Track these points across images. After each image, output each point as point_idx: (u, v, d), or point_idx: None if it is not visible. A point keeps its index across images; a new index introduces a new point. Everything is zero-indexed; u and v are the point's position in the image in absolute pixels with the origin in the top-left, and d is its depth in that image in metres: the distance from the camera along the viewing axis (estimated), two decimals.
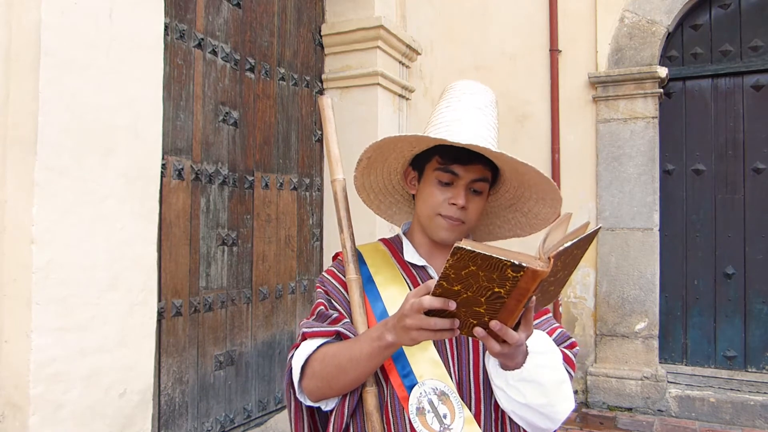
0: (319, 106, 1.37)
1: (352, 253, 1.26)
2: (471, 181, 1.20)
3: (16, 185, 1.78)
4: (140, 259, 2.07)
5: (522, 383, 1.08)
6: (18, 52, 1.79)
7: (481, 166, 1.20)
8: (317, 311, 1.25)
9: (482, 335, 0.97)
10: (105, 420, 1.93)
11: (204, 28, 2.91)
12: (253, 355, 3.25)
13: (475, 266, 0.90)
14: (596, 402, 4.06)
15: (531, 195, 1.29)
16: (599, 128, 4.15)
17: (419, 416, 1.11)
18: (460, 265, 0.90)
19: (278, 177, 3.48)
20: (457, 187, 1.20)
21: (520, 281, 0.89)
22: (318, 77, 3.92)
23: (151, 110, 2.12)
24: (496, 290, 0.91)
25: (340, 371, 1.13)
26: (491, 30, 4.49)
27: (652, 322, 4.00)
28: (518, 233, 1.40)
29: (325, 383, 1.16)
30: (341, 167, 1.32)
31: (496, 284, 0.91)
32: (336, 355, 1.13)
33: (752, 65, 3.97)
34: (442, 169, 1.20)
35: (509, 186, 1.32)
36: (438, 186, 1.21)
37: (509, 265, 0.88)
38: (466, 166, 1.19)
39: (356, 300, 1.21)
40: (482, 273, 0.90)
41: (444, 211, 1.20)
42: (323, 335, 1.19)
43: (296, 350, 1.22)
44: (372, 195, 1.40)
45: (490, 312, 0.95)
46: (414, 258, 1.27)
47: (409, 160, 1.32)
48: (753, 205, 3.98)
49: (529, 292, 0.91)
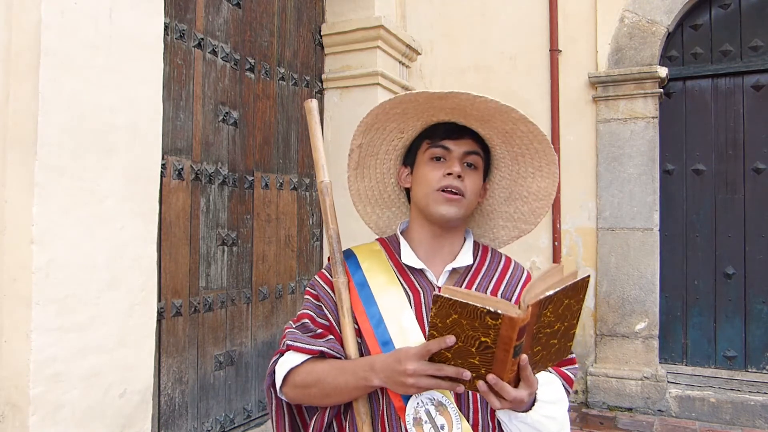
0: (305, 110, 1.37)
1: (339, 255, 1.25)
2: (464, 154, 1.21)
3: (16, 185, 1.77)
4: (140, 259, 2.07)
5: (524, 426, 1.08)
6: (18, 52, 1.79)
7: (471, 140, 1.22)
8: (302, 322, 1.24)
9: (484, 389, 0.98)
10: (105, 420, 1.93)
11: (204, 28, 2.91)
12: (253, 356, 3.25)
13: (457, 314, 0.91)
14: (596, 402, 4.06)
15: (526, 170, 1.29)
16: (599, 128, 4.15)
17: (416, 426, 1.10)
18: (442, 313, 0.92)
19: (278, 177, 3.48)
20: (451, 160, 1.21)
21: (500, 329, 0.90)
22: (318, 77, 3.91)
23: (151, 110, 2.12)
24: (482, 339, 0.93)
25: (323, 395, 1.15)
26: (491, 30, 4.49)
27: (652, 322, 4.00)
28: (523, 228, 1.38)
29: (306, 399, 1.18)
30: (326, 170, 1.32)
31: (481, 333, 0.92)
32: (321, 380, 1.14)
33: (752, 65, 3.97)
34: (433, 145, 1.22)
35: (503, 167, 1.31)
36: (431, 164, 1.22)
37: (486, 312, 0.89)
38: (456, 140, 1.21)
39: (343, 304, 1.20)
40: (465, 321, 0.91)
41: (442, 183, 1.20)
42: (307, 352, 1.18)
43: (280, 357, 1.22)
44: (369, 208, 1.39)
45: (484, 364, 0.96)
46: (411, 260, 1.25)
47: (401, 158, 1.32)
48: (753, 205, 3.97)
49: (512, 341, 0.91)
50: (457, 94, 1.14)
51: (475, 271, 1.26)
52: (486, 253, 1.32)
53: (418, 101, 1.19)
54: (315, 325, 1.23)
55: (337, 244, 1.26)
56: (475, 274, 1.26)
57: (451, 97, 1.14)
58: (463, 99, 1.14)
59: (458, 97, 1.14)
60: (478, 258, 1.30)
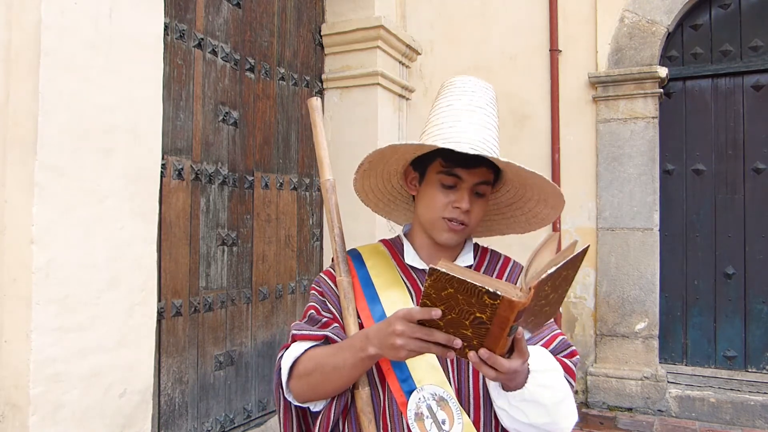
0: (309, 108, 1.35)
1: (343, 254, 1.25)
2: (474, 185, 1.18)
3: (16, 185, 1.77)
4: (140, 259, 2.07)
5: (524, 403, 1.07)
6: (18, 52, 1.79)
7: (484, 168, 1.18)
8: (309, 314, 1.25)
9: (475, 360, 0.96)
10: (105, 420, 1.93)
11: (204, 28, 2.91)
12: (253, 356, 3.25)
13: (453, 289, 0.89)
14: (596, 402, 4.06)
15: (532, 196, 1.29)
16: (599, 128, 4.15)
17: (417, 422, 1.10)
18: (438, 286, 0.90)
19: (278, 177, 3.48)
20: (461, 191, 1.18)
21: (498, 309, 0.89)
22: (318, 77, 3.91)
23: (151, 110, 2.12)
24: (477, 315, 0.91)
25: (324, 378, 1.13)
26: (491, 30, 4.49)
27: (652, 322, 4.00)
28: (516, 230, 1.40)
29: (310, 388, 1.16)
30: (329, 168, 1.31)
31: (476, 309, 0.90)
32: (321, 362, 1.13)
33: (752, 65, 3.97)
34: (446, 172, 1.18)
35: (510, 186, 1.31)
36: (441, 189, 1.19)
37: (485, 292, 0.87)
38: (469, 170, 1.17)
39: (348, 304, 1.20)
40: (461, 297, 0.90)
41: (447, 214, 1.19)
42: (312, 339, 1.19)
43: (285, 351, 1.22)
44: (371, 195, 1.39)
45: (477, 336, 0.94)
46: (415, 261, 1.26)
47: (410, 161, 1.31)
48: (753, 205, 3.97)
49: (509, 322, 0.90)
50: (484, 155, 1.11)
51: (475, 269, 1.28)
52: (486, 254, 1.34)
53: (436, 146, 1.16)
54: (320, 315, 1.24)
55: (341, 243, 1.26)
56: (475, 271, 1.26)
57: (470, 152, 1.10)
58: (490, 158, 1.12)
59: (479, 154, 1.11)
60: (478, 258, 1.32)
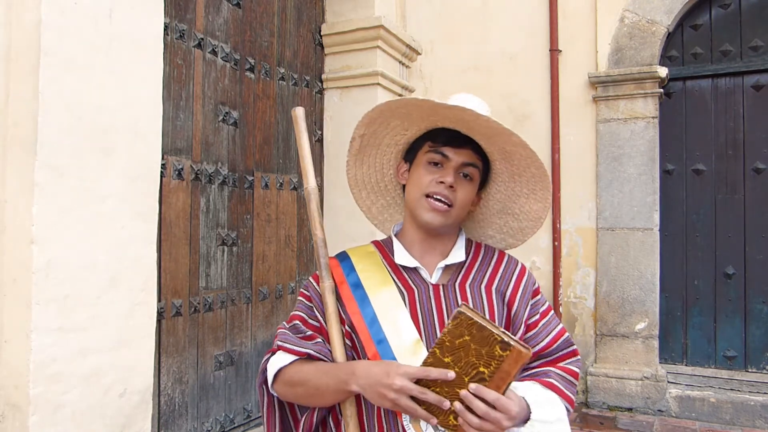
0: (293, 117, 1.39)
1: (324, 259, 1.27)
2: (461, 164, 1.22)
3: (16, 185, 1.77)
4: (140, 259, 2.07)
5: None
6: (18, 52, 1.79)
7: (471, 150, 1.22)
8: (294, 323, 1.27)
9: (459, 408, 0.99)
10: (105, 420, 1.93)
11: (204, 28, 2.90)
12: (253, 355, 3.25)
13: (470, 336, 0.94)
14: (596, 402, 4.06)
15: (522, 189, 1.30)
16: (599, 128, 4.15)
17: (413, 423, 1.11)
18: (457, 332, 0.95)
19: (278, 177, 3.47)
20: (447, 168, 1.22)
21: (504, 362, 0.94)
22: (318, 77, 3.91)
23: (151, 110, 2.12)
24: (481, 369, 0.95)
25: (308, 395, 1.18)
26: (491, 30, 4.48)
27: (652, 322, 3.99)
28: (510, 242, 1.41)
29: (295, 398, 1.22)
30: (313, 176, 1.35)
31: (482, 362, 0.95)
32: (306, 379, 1.16)
33: (752, 65, 3.97)
34: (433, 150, 1.23)
35: (500, 182, 1.32)
36: (428, 167, 1.23)
37: (499, 340, 0.93)
38: (456, 149, 1.21)
39: (330, 308, 1.21)
40: (473, 346, 0.94)
41: (432, 189, 1.21)
42: (294, 354, 1.21)
43: (272, 356, 1.25)
44: (365, 193, 1.41)
45: None
46: (405, 260, 1.26)
47: (403, 152, 1.33)
48: (753, 205, 3.97)
49: (510, 377, 0.94)
50: (462, 109, 1.13)
51: (468, 266, 1.28)
52: (479, 249, 1.34)
53: (423, 107, 1.19)
54: (306, 326, 1.25)
55: (323, 249, 1.28)
56: (468, 270, 1.28)
57: (455, 109, 1.14)
58: (468, 114, 1.14)
59: (463, 112, 1.14)
60: (471, 254, 1.32)
